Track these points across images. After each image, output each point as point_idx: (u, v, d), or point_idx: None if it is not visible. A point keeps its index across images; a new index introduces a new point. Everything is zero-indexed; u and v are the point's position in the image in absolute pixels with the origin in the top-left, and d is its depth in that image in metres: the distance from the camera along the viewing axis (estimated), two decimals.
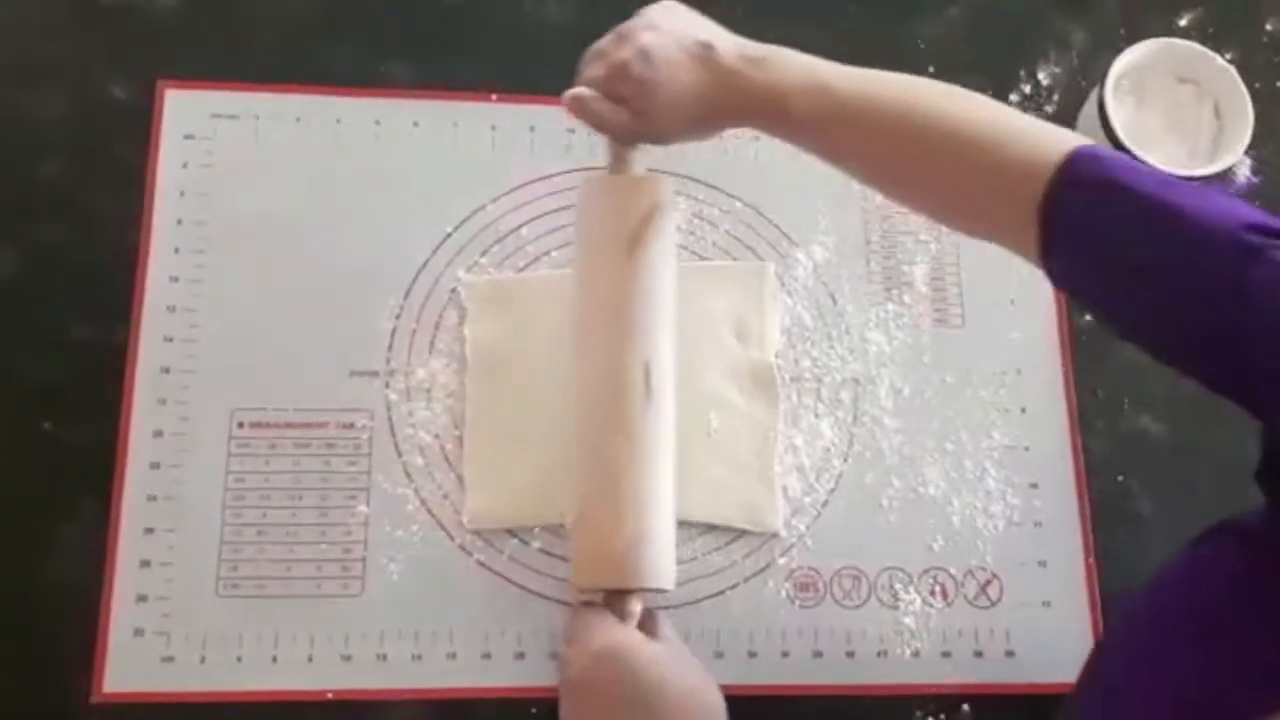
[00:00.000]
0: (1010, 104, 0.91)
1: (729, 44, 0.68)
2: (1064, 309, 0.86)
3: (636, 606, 0.69)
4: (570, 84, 0.86)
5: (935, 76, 0.89)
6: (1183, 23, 0.94)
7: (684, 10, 0.71)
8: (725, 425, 0.81)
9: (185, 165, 0.83)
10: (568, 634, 0.69)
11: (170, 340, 0.79)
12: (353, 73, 0.86)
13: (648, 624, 0.69)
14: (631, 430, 0.70)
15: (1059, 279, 0.60)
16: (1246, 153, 0.87)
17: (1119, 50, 0.88)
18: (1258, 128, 0.86)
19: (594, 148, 0.86)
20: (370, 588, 0.76)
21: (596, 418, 0.71)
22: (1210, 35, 0.94)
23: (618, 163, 0.74)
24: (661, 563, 0.69)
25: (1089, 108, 0.88)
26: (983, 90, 0.89)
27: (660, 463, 0.70)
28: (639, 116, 0.68)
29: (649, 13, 0.70)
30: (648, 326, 0.71)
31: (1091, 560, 0.81)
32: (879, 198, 0.87)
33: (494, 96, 0.87)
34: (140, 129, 0.83)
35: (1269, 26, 0.95)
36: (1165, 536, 0.82)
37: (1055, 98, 0.91)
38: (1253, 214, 0.53)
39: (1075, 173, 0.57)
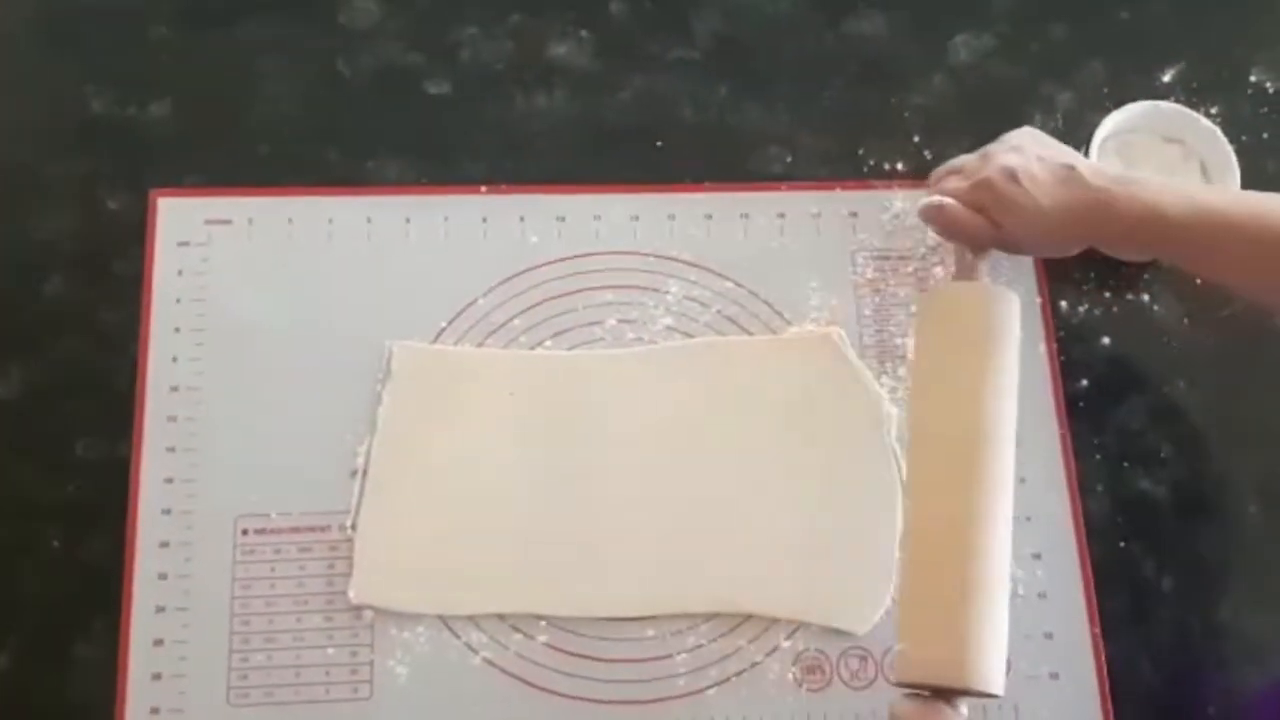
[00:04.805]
0: None
1: (1089, 166, 0.74)
2: (1058, 375, 0.86)
3: (965, 710, 0.69)
4: (559, 170, 0.88)
5: (922, 144, 0.92)
6: (1166, 79, 0.95)
7: (1043, 136, 0.78)
8: (834, 519, 0.82)
9: (180, 272, 0.84)
10: None
11: (172, 450, 0.80)
12: (343, 172, 0.87)
13: None
14: (975, 532, 0.71)
15: None
16: None
17: (1104, 110, 0.88)
18: (1245, 182, 0.87)
19: (584, 236, 0.87)
20: (379, 691, 0.76)
21: (941, 518, 0.72)
22: (1194, 89, 0.94)
23: (965, 270, 0.78)
24: (997, 666, 0.69)
25: None
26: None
27: (995, 561, 0.71)
28: (996, 227, 0.75)
29: (1010, 137, 0.77)
30: (993, 439, 0.72)
31: (1097, 630, 0.81)
32: (869, 272, 0.88)
33: (483, 188, 0.87)
34: (138, 240, 0.84)
35: (1253, 78, 0.95)
36: (1170, 601, 0.82)
37: None
38: None
39: None
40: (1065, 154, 0.75)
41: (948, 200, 0.76)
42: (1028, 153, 0.74)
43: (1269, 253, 0.69)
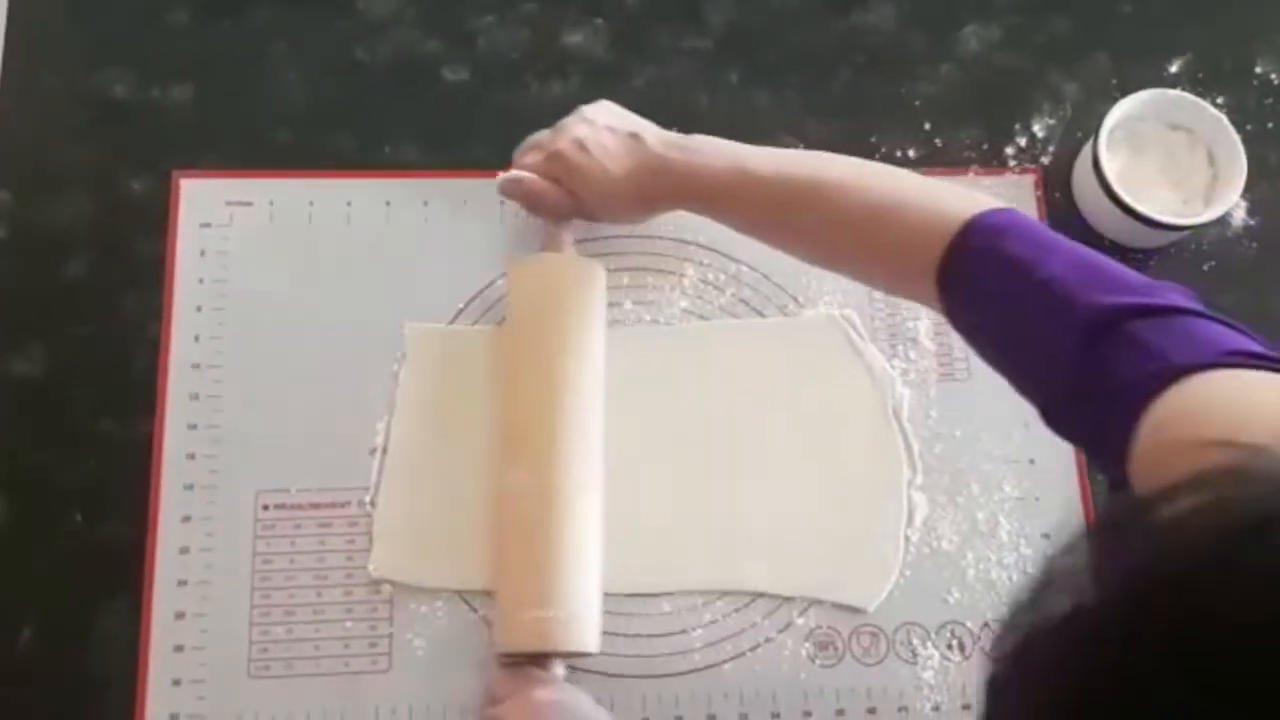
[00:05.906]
0: (1006, 156, 0.92)
1: (654, 134, 0.77)
2: None
3: (560, 670, 0.73)
4: None
5: (932, 133, 0.93)
6: (1173, 69, 0.96)
7: (615, 107, 0.80)
8: (836, 496, 0.83)
9: (203, 253, 0.85)
10: (496, 694, 0.72)
11: (194, 427, 0.81)
12: (362, 156, 0.88)
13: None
14: (556, 499, 0.75)
15: (961, 333, 0.66)
16: (1241, 196, 0.88)
17: (1112, 100, 0.89)
18: (1251, 170, 0.87)
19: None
20: (397, 663, 0.77)
21: (523, 488, 0.76)
22: (1201, 80, 0.95)
23: (551, 241, 0.82)
24: (585, 627, 0.74)
25: (1084, 159, 0.90)
26: (979, 144, 0.94)
27: (578, 525, 0.75)
28: (573, 197, 0.78)
29: (582, 110, 0.80)
30: (574, 405, 0.77)
31: None
32: None
33: (500, 173, 0.88)
34: (160, 222, 0.85)
35: (1259, 69, 0.97)
36: None
37: (1051, 149, 0.93)
38: (1114, 297, 0.58)
39: (965, 239, 0.63)
40: (634, 124, 0.78)
41: (525, 174, 0.79)
42: (598, 124, 0.78)
43: (798, 221, 0.72)
